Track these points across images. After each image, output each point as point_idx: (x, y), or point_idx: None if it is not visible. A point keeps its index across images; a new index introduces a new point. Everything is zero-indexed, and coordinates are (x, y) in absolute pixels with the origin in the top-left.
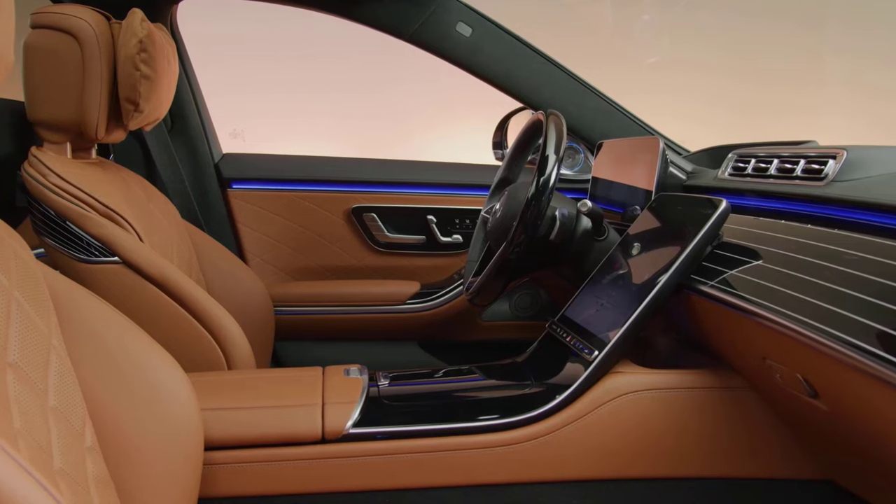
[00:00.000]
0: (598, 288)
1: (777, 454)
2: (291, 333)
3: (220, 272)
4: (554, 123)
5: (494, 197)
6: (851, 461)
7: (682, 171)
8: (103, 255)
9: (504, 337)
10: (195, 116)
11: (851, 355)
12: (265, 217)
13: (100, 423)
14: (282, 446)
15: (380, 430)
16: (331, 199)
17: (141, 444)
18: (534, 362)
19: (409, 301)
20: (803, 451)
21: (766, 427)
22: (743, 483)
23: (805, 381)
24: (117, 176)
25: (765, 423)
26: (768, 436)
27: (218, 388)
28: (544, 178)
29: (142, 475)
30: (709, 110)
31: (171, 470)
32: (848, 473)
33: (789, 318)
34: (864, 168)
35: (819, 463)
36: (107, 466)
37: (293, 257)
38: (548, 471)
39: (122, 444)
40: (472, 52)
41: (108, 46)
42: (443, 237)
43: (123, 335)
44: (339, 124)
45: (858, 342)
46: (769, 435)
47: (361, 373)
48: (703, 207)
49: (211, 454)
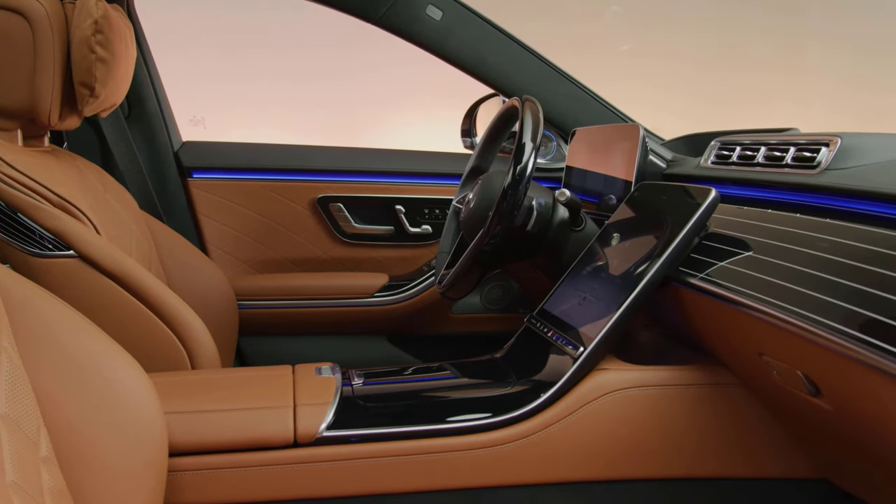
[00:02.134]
0: (580, 280)
1: (769, 453)
2: (255, 328)
3: (181, 265)
4: (530, 110)
5: (467, 186)
6: (849, 460)
7: (661, 159)
8: (58, 248)
9: (475, 330)
10: (153, 103)
11: (861, 351)
12: (227, 207)
13: (56, 430)
14: (251, 451)
15: (355, 432)
16: (295, 188)
17: (101, 451)
18: (514, 358)
19: (377, 294)
20: (796, 450)
21: (757, 425)
22: (734, 483)
23: (806, 379)
24: (72, 165)
25: (756, 420)
26: (760, 434)
27: (182, 390)
28: (521, 167)
29: (102, 485)
30: (673, 97)
31: (133, 479)
32: (844, 472)
33: (790, 311)
34: (859, 156)
35: (813, 461)
36: (64, 477)
37: (257, 249)
38: (533, 473)
39: (80, 452)
40: (442, 37)
41: (61, 27)
42: (412, 228)
43: (80, 335)
44: (297, 114)
45: (867, 337)
46: (761, 433)
47: (334, 371)
48: (690, 197)
49: (176, 460)
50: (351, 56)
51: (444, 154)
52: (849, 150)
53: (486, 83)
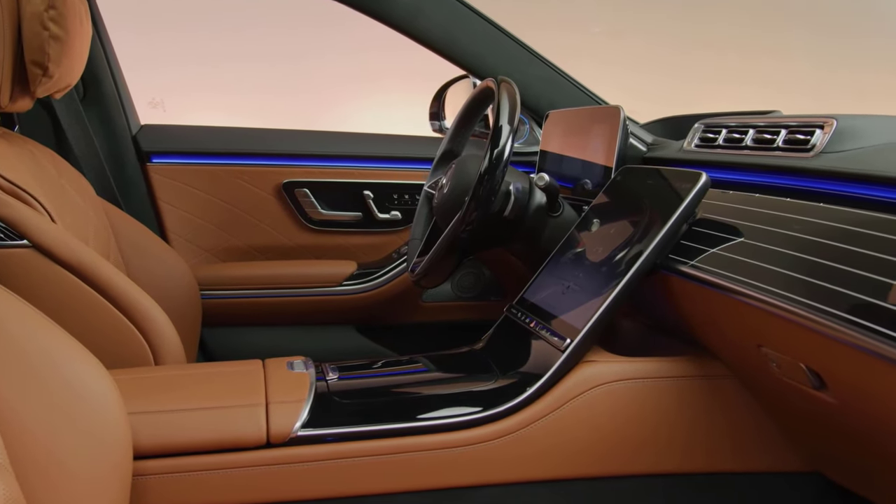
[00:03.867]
0: (562, 268)
1: (760, 447)
2: (219, 319)
3: (141, 254)
4: (506, 91)
5: (439, 170)
6: (847, 453)
7: (641, 142)
8: (10, 237)
9: (447, 319)
10: (110, 83)
11: (874, 343)
12: (188, 193)
13: (11, 435)
14: (221, 453)
15: (332, 431)
16: (260, 173)
17: (61, 457)
18: (496, 351)
19: (345, 282)
20: (788, 443)
21: (748, 418)
22: (724, 478)
23: (810, 371)
24: (24, 149)
25: (747, 413)
26: (751, 427)
27: (146, 388)
28: (498, 151)
29: (63, 493)
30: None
31: (95, 485)
32: (839, 465)
33: (794, 301)
34: (856, 138)
35: (806, 455)
36: (21, 486)
37: (219, 237)
38: (518, 471)
39: (38, 458)
40: (411, 15)
41: (10, 2)
42: (380, 214)
43: (35, 330)
44: (255, 98)
45: (880, 328)
46: (752, 426)
47: (307, 366)
48: (679, 181)
49: (141, 464)
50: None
51: (414, 138)
52: (845, 132)
53: (456, 64)
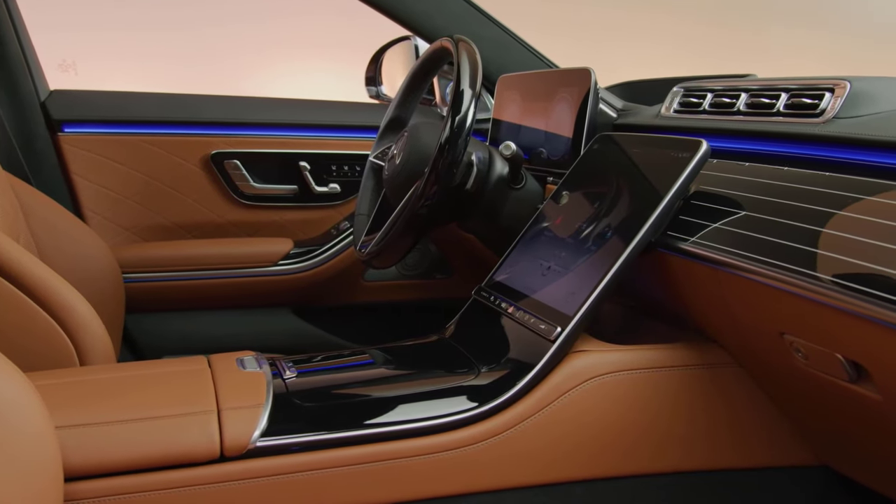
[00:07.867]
0: (537, 247)
1: (765, 440)
2: (143, 305)
3: (55, 234)
4: (466, 52)
5: (386, 140)
6: (874, 449)
7: (611, 107)
8: None
9: (390, 299)
10: (14, 44)
11: None
12: (106, 166)
13: None
14: (169, 469)
15: (295, 439)
16: (185, 143)
17: None
18: (469, 339)
19: (281, 262)
20: (795, 435)
21: (752, 410)
22: (727, 475)
23: (847, 362)
24: None
25: (751, 405)
26: (755, 420)
27: (75, 396)
28: (460, 118)
29: None
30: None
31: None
32: (856, 460)
33: (830, 284)
34: (872, 103)
35: (815, 448)
36: None
37: (141, 213)
38: (507, 476)
39: None
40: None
41: None
42: (318, 187)
43: None
44: (174, 66)
45: None
46: (756, 419)
47: (260, 363)
48: (674, 149)
49: (74, 486)
50: None
51: (354, 104)
52: (860, 95)
53: (401, 23)
